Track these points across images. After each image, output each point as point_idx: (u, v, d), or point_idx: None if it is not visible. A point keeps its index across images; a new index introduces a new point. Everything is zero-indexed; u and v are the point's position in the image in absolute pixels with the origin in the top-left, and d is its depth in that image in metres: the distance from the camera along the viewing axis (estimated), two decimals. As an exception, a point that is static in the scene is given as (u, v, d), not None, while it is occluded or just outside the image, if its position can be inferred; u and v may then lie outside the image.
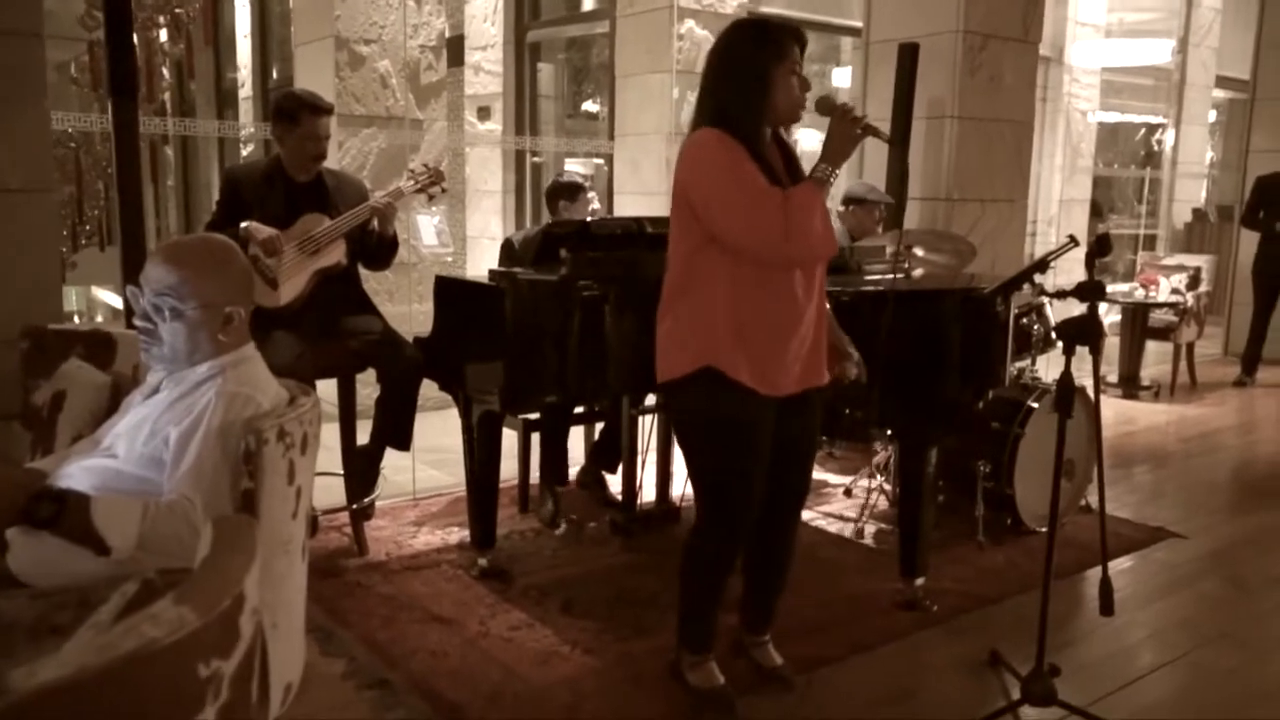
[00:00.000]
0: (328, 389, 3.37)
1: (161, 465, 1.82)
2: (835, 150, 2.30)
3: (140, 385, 2.06)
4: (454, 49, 7.18)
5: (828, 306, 2.70)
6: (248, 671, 1.19)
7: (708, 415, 2.38)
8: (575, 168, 7.35)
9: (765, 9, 6.61)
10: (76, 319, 7.05)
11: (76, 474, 1.87)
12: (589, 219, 3.99)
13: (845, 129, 2.29)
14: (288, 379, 2.11)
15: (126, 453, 1.89)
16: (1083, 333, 2.38)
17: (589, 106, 8.06)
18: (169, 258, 1.89)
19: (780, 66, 2.26)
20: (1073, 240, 2.63)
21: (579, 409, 3.84)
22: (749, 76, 2.27)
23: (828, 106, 2.31)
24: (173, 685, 1.04)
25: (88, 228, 6.21)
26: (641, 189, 6.19)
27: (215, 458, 1.78)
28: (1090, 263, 2.36)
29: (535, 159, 7.77)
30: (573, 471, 4.09)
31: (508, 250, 3.91)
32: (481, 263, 6.68)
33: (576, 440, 4.10)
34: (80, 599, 1.64)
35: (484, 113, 7.74)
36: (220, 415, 1.81)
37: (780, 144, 2.42)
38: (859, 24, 5.37)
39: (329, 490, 3.45)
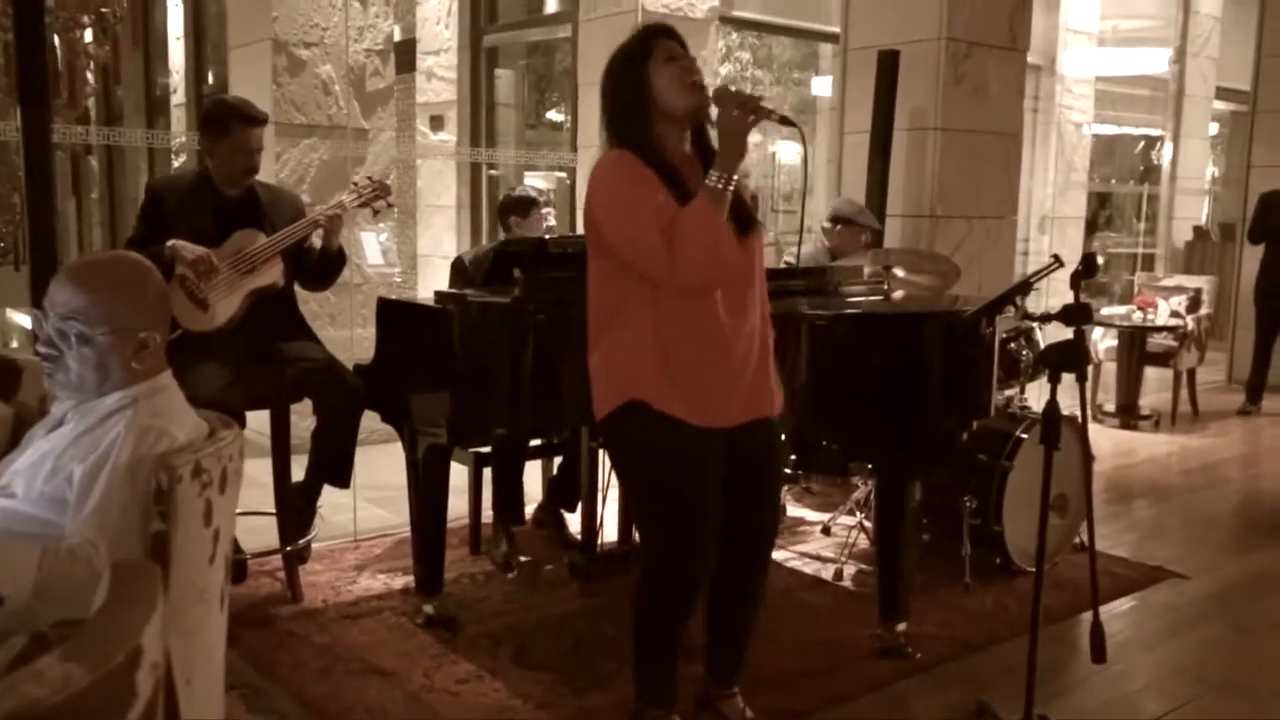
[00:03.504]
0: (260, 420, 3.34)
1: (64, 506, 1.78)
2: (726, 149, 2.21)
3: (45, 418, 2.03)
4: (404, 54, 7.19)
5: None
6: (147, 734, 1.17)
7: (641, 453, 2.37)
8: (536, 181, 7.37)
9: (737, 13, 6.68)
10: (-12, 345, 6.95)
11: (-31, 516, 1.83)
12: (545, 236, 3.99)
13: (733, 121, 2.19)
14: (213, 410, 2.08)
15: (25, 492, 1.85)
16: (1067, 359, 2.40)
17: (553, 115, 8.09)
18: (76, 278, 1.87)
19: (650, 63, 2.28)
20: (1057, 260, 2.65)
21: (535, 442, 3.83)
22: (625, 84, 2.32)
23: (719, 95, 2.25)
24: (57, 751, 1.01)
25: (1, 245, 6.13)
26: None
27: (123, 497, 1.74)
28: (1076, 284, 2.39)
29: (493, 172, 7.79)
30: (529, 509, 4.07)
31: (458, 269, 3.91)
32: (433, 283, 6.64)
33: (533, 476, 4.08)
34: (-33, 655, 1.60)
35: (437, 122, 7.74)
36: (129, 450, 1.77)
37: (702, 150, 2.39)
38: (837, 29, 5.44)
39: (260, 531, 3.41)
